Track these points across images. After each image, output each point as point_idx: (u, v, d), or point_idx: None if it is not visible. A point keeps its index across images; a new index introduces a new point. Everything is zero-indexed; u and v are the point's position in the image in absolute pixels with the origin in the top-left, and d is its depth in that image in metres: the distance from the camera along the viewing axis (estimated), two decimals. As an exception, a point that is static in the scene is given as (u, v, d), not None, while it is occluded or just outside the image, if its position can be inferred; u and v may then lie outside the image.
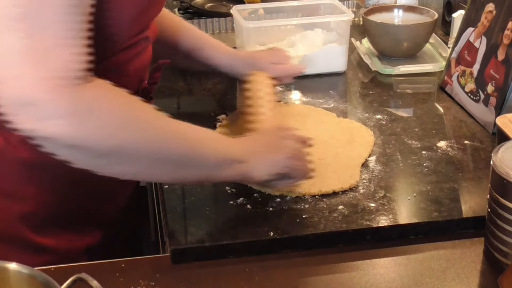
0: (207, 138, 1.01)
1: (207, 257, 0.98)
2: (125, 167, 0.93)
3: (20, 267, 0.77)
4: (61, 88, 0.84)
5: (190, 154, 0.96)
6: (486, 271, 0.95)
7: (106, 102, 0.89)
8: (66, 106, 0.85)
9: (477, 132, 1.28)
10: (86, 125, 0.87)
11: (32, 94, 0.83)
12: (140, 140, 0.91)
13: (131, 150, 0.90)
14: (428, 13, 1.61)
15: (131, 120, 0.91)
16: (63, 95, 0.84)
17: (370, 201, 1.07)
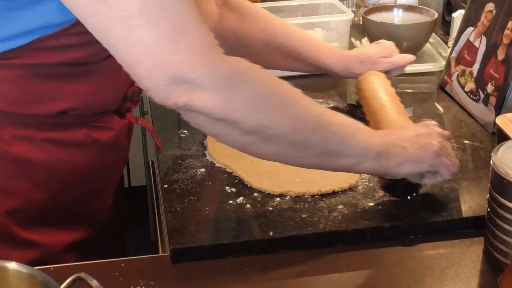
0: (351, 127, 1.00)
1: (207, 256, 0.98)
2: (272, 146, 0.94)
3: (20, 266, 0.77)
4: (207, 62, 0.87)
5: (334, 141, 0.97)
6: (486, 271, 0.95)
7: (254, 76, 0.91)
8: (217, 79, 0.87)
9: (477, 132, 1.28)
10: (236, 96, 0.89)
11: (183, 74, 0.86)
12: (287, 119, 0.93)
13: (278, 126, 0.92)
14: (428, 12, 1.61)
15: (279, 96, 0.93)
16: (211, 68, 0.87)
17: (370, 200, 1.07)
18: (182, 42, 0.86)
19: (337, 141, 0.97)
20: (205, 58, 0.87)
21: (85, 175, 1.11)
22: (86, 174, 1.11)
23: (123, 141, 1.19)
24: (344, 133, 0.98)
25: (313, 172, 1.10)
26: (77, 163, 1.09)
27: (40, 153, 0.96)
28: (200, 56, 0.87)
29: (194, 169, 1.16)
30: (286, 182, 1.10)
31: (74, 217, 1.14)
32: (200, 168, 1.16)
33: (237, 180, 1.12)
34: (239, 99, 0.89)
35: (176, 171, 1.16)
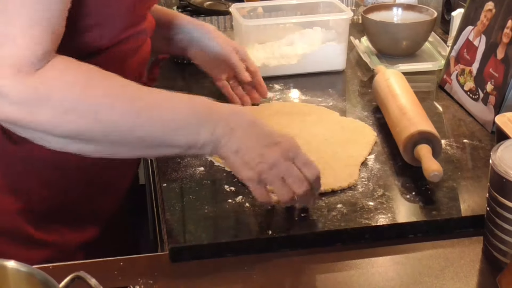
0: (173, 122, 0.93)
1: (206, 255, 0.98)
2: (89, 147, 0.93)
3: (19, 265, 0.77)
4: (14, 75, 0.85)
5: (153, 137, 0.92)
6: (485, 270, 0.95)
7: (61, 89, 0.88)
8: (20, 93, 0.86)
9: (476, 131, 1.28)
10: (40, 112, 0.87)
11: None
12: (98, 123, 0.89)
13: (90, 132, 0.90)
14: (427, 11, 1.61)
15: (89, 102, 0.89)
16: (17, 82, 0.85)
17: (369, 199, 1.07)
18: (2, 48, 0.85)
19: (161, 137, 0.92)
20: (14, 70, 0.85)
21: (93, 172, 1.10)
22: (93, 171, 1.10)
23: None
24: (164, 129, 0.92)
25: None
26: (83, 159, 1.08)
27: (46, 150, 0.95)
28: (10, 68, 0.85)
29: (193, 168, 1.16)
30: None
31: (85, 215, 1.14)
32: (199, 167, 1.16)
33: (236, 179, 1.12)
34: (45, 114, 0.87)
35: (175, 170, 1.16)
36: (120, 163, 1.13)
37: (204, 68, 1.37)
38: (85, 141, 0.91)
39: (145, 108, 0.92)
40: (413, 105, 1.23)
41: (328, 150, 1.19)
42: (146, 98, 0.93)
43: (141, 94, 0.93)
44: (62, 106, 0.88)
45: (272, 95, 1.44)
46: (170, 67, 1.58)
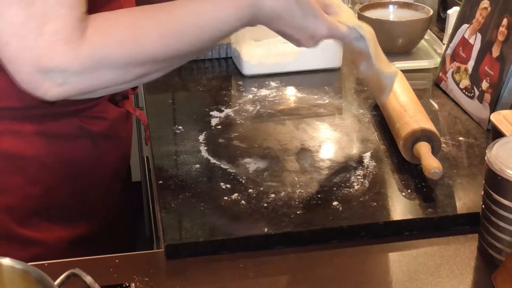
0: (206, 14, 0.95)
1: (202, 252, 0.98)
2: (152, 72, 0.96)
3: (14, 262, 0.77)
4: (67, 49, 0.85)
5: (214, 36, 0.96)
6: (480, 268, 0.95)
7: (115, 48, 0.89)
8: (79, 64, 0.86)
9: (471, 129, 1.28)
10: (104, 73, 0.89)
11: (47, 62, 0.84)
12: (159, 63, 0.94)
13: (154, 68, 0.94)
14: (423, 9, 1.61)
15: (145, 52, 0.91)
16: (72, 55, 0.86)
17: (365, 197, 1.07)
18: (47, 26, 0.84)
19: (213, 37, 0.96)
20: (65, 43, 0.85)
21: (80, 168, 1.10)
22: (81, 167, 1.10)
23: (120, 132, 1.18)
24: (216, 32, 0.96)
25: None
26: (70, 156, 1.08)
27: (30, 147, 0.95)
28: (61, 43, 0.85)
29: (189, 165, 1.16)
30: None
31: (75, 212, 1.13)
32: (195, 164, 1.16)
33: (232, 176, 1.12)
34: (109, 74, 0.89)
35: (171, 167, 1.16)
36: (108, 159, 1.13)
37: None
38: (154, 70, 0.95)
39: (192, 28, 0.94)
40: (415, 103, 1.24)
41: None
42: (187, 18, 0.94)
43: (181, 16, 0.94)
44: (122, 61, 0.90)
45: (268, 92, 1.44)
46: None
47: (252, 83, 1.48)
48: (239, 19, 0.96)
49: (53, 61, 0.85)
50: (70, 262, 0.97)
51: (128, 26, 0.91)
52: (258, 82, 1.48)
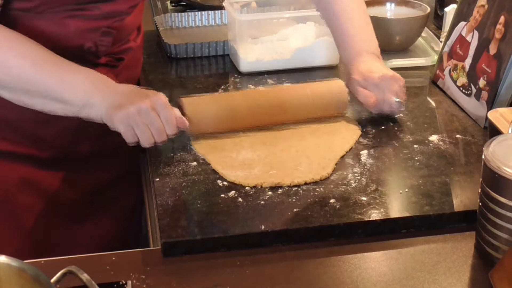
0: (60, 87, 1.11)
1: (198, 250, 0.98)
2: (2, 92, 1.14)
3: (10, 260, 0.77)
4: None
5: (58, 93, 1.11)
6: (477, 265, 0.95)
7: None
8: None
9: (468, 126, 1.28)
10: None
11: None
12: (9, 77, 1.11)
13: (2, 83, 1.12)
14: (420, 7, 1.61)
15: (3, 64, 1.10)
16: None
17: (362, 194, 1.07)
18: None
19: (57, 94, 1.11)
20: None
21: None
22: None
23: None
24: (64, 87, 1.11)
25: (286, 164, 1.13)
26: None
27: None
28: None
29: (186, 163, 1.16)
30: (261, 174, 1.11)
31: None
32: (192, 161, 1.16)
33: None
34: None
35: (168, 164, 1.15)
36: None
37: None
38: (2, 88, 1.13)
39: (48, 70, 1.11)
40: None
41: (310, 143, 1.20)
42: (52, 61, 1.12)
43: (49, 58, 1.12)
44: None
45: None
46: (163, 62, 1.58)
47: (249, 81, 1.48)
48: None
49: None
50: (67, 260, 0.96)
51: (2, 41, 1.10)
52: (255, 79, 1.48)
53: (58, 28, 1.17)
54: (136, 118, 1.08)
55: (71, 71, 1.11)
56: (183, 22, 1.75)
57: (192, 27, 1.76)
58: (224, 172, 1.12)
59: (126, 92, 1.12)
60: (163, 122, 1.10)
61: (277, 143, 1.21)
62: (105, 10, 1.20)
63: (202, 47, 1.58)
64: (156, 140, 1.10)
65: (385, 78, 1.26)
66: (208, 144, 1.20)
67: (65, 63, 1.12)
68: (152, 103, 1.09)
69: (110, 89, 1.11)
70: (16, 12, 1.15)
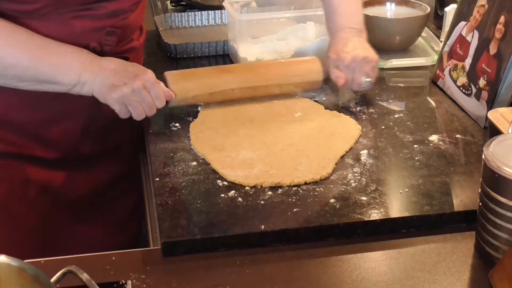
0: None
1: (198, 250, 0.98)
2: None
3: (10, 259, 0.77)
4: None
5: (48, 75, 1.15)
6: (477, 265, 0.95)
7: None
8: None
9: (468, 126, 1.28)
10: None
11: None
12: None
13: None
14: (420, 7, 1.61)
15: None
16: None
17: (362, 194, 1.07)
18: None
19: (46, 76, 1.15)
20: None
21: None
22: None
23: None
24: (52, 70, 1.15)
25: (286, 164, 1.12)
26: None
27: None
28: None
29: (185, 162, 1.16)
30: (260, 174, 1.11)
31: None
32: (192, 161, 1.16)
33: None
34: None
35: (168, 164, 1.15)
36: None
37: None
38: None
39: (38, 55, 1.15)
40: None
41: (310, 143, 1.20)
42: (40, 45, 1.15)
43: (37, 43, 1.15)
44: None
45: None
46: (163, 61, 1.58)
47: (249, 80, 1.47)
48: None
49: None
50: (67, 259, 0.96)
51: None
52: (255, 79, 1.48)
53: (64, 29, 1.18)
54: (130, 97, 1.16)
55: (59, 54, 1.16)
56: (183, 22, 1.75)
57: (192, 27, 1.75)
58: (224, 172, 1.12)
59: (115, 68, 1.18)
60: (153, 98, 1.19)
61: (277, 142, 1.21)
62: (110, 9, 1.21)
63: (202, 47, 1.58)
64: (147, 114, 1.20)
65: (355, 60, 1.31)
66: (208, 144, 1.20)
67: (52, 46, 1.16)
68: (142, 82, 1.17)
69: (98, 65, 1.17)
70: (17, 14, 1.15)
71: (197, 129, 1.25)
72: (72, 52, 1.17)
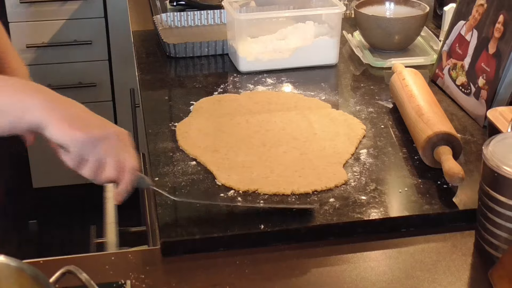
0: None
1: (198, 249, 0.98)
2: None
3: (8, 260, 0.77)
4: None
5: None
6: (477, 264, 0.95)
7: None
8: None
9: (468, 125, 1.28)
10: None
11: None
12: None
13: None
14: (419, 6, 1.61)
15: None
16: None
17: (361, 194, 1.07)
18: None
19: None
20: None
21: None
22: None
23: None
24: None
25: (289, 169, 1.10)
26: None
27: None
28: None
29: (185, 162, 1.16)
30: (257, 179, 1.09)
31: None
32: (191, 161, 1.16)
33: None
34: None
35: (167, 164, 1.15)
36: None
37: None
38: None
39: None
40: (430, 105, 1.21)
41: (315, 146, 1.19)
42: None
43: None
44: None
45: (264, 89, 1.44)
46: (162, 61, 1.57)
47: (248, 80, 1.47)
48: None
49: None
50: (65, 260, 0.96)
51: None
52: (254, 78, 1.48)
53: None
54: (90, 155, 0.92)
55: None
56: (182, 21, 1.75)
57: (191, 27, 1.75)
58: (218, 173, 1.11)
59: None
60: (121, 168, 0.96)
61: (279, 145, 1.19)
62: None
63: (201, 47, 1.58)
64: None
65: None
66: (198, 146, 1.19)
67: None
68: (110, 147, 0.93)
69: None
70: None
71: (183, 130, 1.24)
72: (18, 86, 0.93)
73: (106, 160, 0.92)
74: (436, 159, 1.10)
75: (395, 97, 1.32)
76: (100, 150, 0.91)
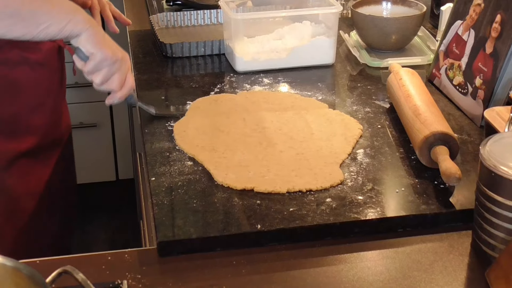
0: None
1: (194, 249, 0.98)
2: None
3: (4, 259, 0.76)
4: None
5: (43, 13, 1.07)
6: (474, 264, 0.95)
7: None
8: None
9: (465, 125, 1.28)
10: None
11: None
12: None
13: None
14: (416, 6, 1.61)
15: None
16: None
17: (358, 194, 1.07)
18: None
19: (42, 14, 1.08)
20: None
21: (22, 90, 1.27)
22: (23, 89, 1.27)
23: (53, 62, 1.35)
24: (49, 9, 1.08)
25: (286, 168, 1.10)
26: (13, 79, 1.25)
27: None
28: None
29: (181, 162, 1.15)
30: (254, 177, 1.09)
31: (21, 128, 1.29)
32: (188, 161, 1.16)
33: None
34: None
35: (164, 164, 1.15)
36: (45, 81, 1.29)
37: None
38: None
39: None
40: (427, 105, 1.21)
41: (311, 145, 1.19)
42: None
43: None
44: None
45: (261, 89, 1.43)
46: (158, 61, 1.57)
47: (245, 80, 1.47)
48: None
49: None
50: (62, 259, 0.96)
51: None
52: (251, 78, 1.48)
53: None
54: (107, 69, 1.14)
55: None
56: (179, 21, 1.75)
57: (188, 26, 1.75)
58: (215, 172, 1.11)
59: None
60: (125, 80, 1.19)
61: (276, 144, 1.19)
62: None
63: (198, 46, 1.58)
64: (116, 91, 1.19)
65: None
66: (196, 145, 1.19)
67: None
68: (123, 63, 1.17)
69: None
70: None
71: (181, 129, 1.24)
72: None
73: (115, 75, 1.16)
74: (433, 159, 1.10)
75: (392, 97, 1.32)
76: (114, 67, 1.15)
